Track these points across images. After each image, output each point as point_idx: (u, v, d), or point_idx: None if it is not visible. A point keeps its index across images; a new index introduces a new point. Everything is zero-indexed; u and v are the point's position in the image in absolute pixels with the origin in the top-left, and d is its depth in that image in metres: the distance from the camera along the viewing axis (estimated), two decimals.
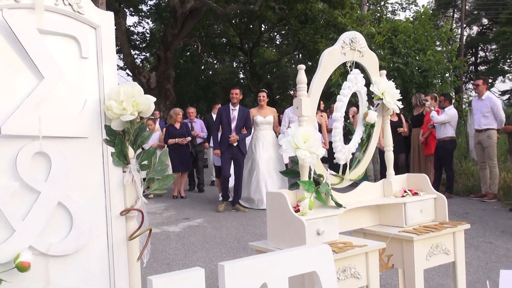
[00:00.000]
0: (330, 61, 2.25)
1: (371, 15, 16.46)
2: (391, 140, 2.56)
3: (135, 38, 26.68)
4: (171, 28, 20.96)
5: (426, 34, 14.11)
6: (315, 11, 24.49)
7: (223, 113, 8.43)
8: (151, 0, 25.29)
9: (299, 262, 1.07)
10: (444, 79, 13.93)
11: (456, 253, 2.37)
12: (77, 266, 1.80)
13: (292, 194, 2.14)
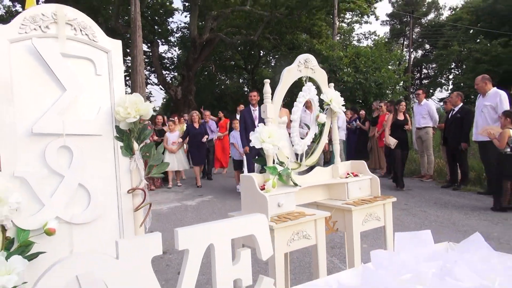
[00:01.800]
0: (289, 76, 2.21)
1: (340, 43, 16.33)
2: (337, 135, 2.53)
3: (166, 61, 26.59)
4: (192, 54, 20.90)
5: (382, 57, 14.05)
6: (300, 40, 24.38)
7: (246, 115, 7.35)
8: (177, 33, 25.17)
9: (240, 227, 1.05)
10: (394, 90, 13.87)
11: (386, 219, 2.33)
12: (95, 231, 1.78)
13: (260, 177, 2.11)
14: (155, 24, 23.23)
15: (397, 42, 35.87)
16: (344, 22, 24.16)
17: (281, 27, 22.89)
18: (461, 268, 0.94)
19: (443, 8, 35.35)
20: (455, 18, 27.13)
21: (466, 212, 5.86)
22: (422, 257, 1.06)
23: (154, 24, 23.13)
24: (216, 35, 20.62)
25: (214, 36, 20.65)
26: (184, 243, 0.90)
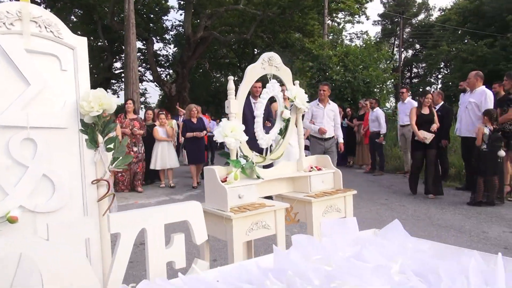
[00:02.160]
0: (253, 73, 2.26)
1: (330, 42, 16.39)
2: (302, 131, 2.59)
3: (161, 59, 26.52)
4: (186, 52, 20.89)
5: (371, 56, 14.11)
6: (293, 39, 24.45)
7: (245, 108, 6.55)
8: (172, 31, 25.10)
9: (174, 213, 1.10)
10: (381, 89, 13.96)
11: (346, 211, 2.40)
12: (60, 220, 1.82)
13: (223, 169, 2.16)
14: (150, 21, 23.15)
15: (388, 42, 36.01)
16: (337, 21, 24.21)
17: (274, 26, 22.90)
18: (370, 251, 1.00)
19: (433, 9, 35.56)
20: (444, 18, 27.27)
21: (443, 207, 5.95)
22: (344, 242, 1.11)
23: (149, 21, 23.04)
24: (210, 33, 20.61)
25: (208, 34, 20.63)
26: (115, 227, 0.95)
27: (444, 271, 0.86)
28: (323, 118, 6.40)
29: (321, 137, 6.40)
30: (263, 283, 0.87)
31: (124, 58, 14.32)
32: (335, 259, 0.97)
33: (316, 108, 6.47)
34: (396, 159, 10.41)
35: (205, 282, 0.80)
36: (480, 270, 0.87)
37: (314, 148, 6.48)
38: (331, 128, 6.46)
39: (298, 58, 21.93)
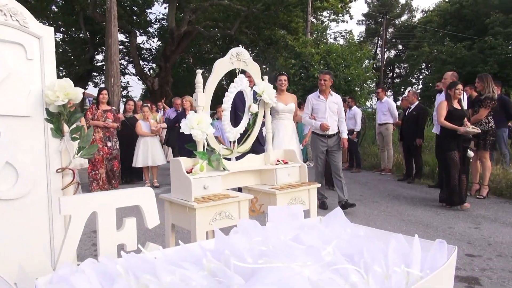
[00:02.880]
0: (221, 68, 2.32)
1: (313, 40, 16.52)
2: (270, 125, 2.65)
3: (144, 52, 26.22)
4: (169, 46, 20.73)
5: (352, 56, 14.29)
6: (278, 36, 24.50)
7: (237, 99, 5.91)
8: (155, 24, 24.85)
9: (125, 198, 1.15)
10: (362, 88, 14.17)
11: (310, 203, 2.48)
12: (24, 207, 1.83)
13: (190, 161, 2.21)
14: (133, 14, 22.85)
15: (372, 42, 36.47)
16: (321, 20, 24.38)
17: (259, 22, 22.90)
18: (308, 235, 1.07)
19: (416, 11, 36.12)
20: (426, 20, 27.77)
21: (414, 203, 6.12)
22: (288, 227, 1.17)
23: (132, 14, 22.74)
24: (194, 28, 20.49)
25: (192, 28, 20.51)
26: (66, 209, 0.99)
27: (367, 251, 0.94)
28: (325, 112, 5.55)
29: (324, 134, 5.57)
30: (200, 261, 0.93)
31: (105, 51, 14.12)
32: (273, 241, 1.04)
33: (317, 100, 5.61)
34: (374, 157, 10.62)
35: (144, 260, 0.86)
36: (400, 250, 0.95)
37: (316, 147, 5.69)
38: (335, 123, 5.61)
39: (281, 55, 22.08)
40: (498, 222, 4.96)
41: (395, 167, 9.40)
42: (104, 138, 7.13)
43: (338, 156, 5.68)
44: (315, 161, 5.78)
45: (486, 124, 6.26)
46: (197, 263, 0.94)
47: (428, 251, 0.96)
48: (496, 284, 3.14)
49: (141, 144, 7.63)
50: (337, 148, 5.69)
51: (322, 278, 0.84)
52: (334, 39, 30.31)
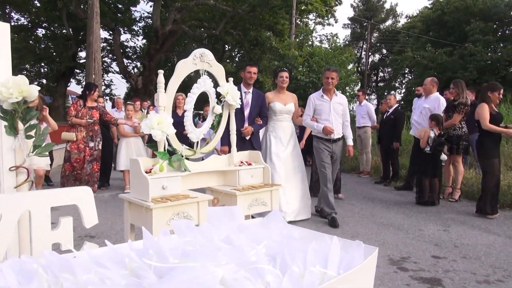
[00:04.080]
0: (184, 69, 2.32)
1: (297, 43, 16.63)
2: (234, 126, 2.67)
3: (128, 50, 25.98)
4: (154, 44, 20.60)
5: (335, 59, 14.43)
6: (263, 38, 24.56)
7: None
8: (140, 22, 24.66)
9: (62, 197, 1.15)
10: (344, 91, 14.31)
11: (272, 204, 2.50)
12: None
13: (150, 161, 2.21)
14: (117, 11, 22.61)
15: (357, 45, 36.90)
16: (307, 22, 24.54)
17: (244, 23, 22.95)
18: (238, 236, 1.08)
19: (400, 16, 36.71)
20: (410, 26, 28.24)
21: (388, 206, 6.22)
22: (225, 228, 1.19)
23: (116, 11, 22.51)
24: (179, 27, 20.41)
25: (177, 28, 20.42)
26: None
27: (288, 252, 0.96)
28: (329, 113, 4.96)
29: (328, 138, 4.95)
30: (123, 260, 0.94)
31: (86, 48, 13.93)
32: (201, 241, 1.05)
33: (320, 100, 5.01)
34: (353, 159, 10.74)
35: (63, 259, 0.86)
36: (322, 250, 0.98)
37: (320, 152, 5.01)
38: (340, 126, 5.03)
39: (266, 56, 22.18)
40: (467, 225, 5.08)
41: (373, 169, 9.53)
42: (87, 138, 6.51)
43: (337, 164, 5.23)
44: (320, 169, 5.04)
45: (459, 129, 6.41)
46: (121, 262, 0.95)
47: (349, 252, 0.98)
48: (457, 285, 3.21)
49: (123, 145, 7.08)
50: (339, 156, 5.17)
51: (237, 277, 0.86)
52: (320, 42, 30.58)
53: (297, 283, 0.86)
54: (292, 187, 4.98)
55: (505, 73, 19.82)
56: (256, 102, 4.83)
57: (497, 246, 4.22)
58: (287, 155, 5.06)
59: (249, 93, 4.81)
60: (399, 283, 3.26)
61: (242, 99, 4.40)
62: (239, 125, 4.41)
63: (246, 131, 4.65)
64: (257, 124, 4.88)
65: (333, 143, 5.02)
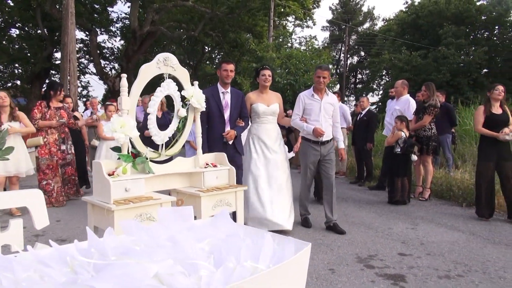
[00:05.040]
0: (147, 72, 2.36)
1: (274, 45, 16.77)
2: (200, 129, 2.72)
3: (105, 51, 25.63)
4: (131, 45, 20.38)
5: (312, 61, 14.64)
6: (243, 39, 24.65)
7: (210, 99, 4.21)
8: (117, 23, 24.38)
9: (11, 199, 1.18)
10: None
11: (237, 205, 2.56)
12: None
13: (113, 163, 2.24)
14: (94, 12, 22.29)
15: (335, 48, 37.42)
16: (286, 25, 24.75)
17: (224, 25, 22.97)
18: (182, 234, 1.14)
19: (377, 19, 37.42)
20: (386, 29, 28.83)
21: (361, 205, 6.36)
22: (175, 228, 1.24)
23: (93, 11, 22.18)
24: (157, 28, 20.27)
25: (155, 29, 20.28)
26: None
27: (224, 247, 1.02)
28: (319, 114, 4.66)
29: (317, 140, 4.69)
30: (66, 259, 0.98)
31: (61, 49, 13.69)
32: (145, 240, 1.10)
33: (310, 100, 4.71)
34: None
35: (4, 258, 0.90)
36: (256, 245, 1.05)
37: (306, 155, 4.78)
38: (330, 127, 4.76)
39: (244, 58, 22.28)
40: (434, 223, 5.26)
41: (348, 170, 9.71)
42: (59, 141, 6.09)
43: (331, 167, 4.82)
44: (303, 172, 4.90)
45: (429, 130, 6.61)
46: (64, 261, 0.99)
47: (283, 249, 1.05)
48: (419, 281, 3.35)
49: (103, 148, 6.86)
50: (331, 158, 4.82)
51: (172, 272, 0.92)
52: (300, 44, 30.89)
53: (229, 276, 0.92)
54: (278, 194, 4.59)
55: (477, 75, 20.49)
56: (236, 103, 4.44)
57: (460, 243, 4.39)
58: (272, 160, 4.62)
59: (227, 93, 4.41)
60: (365, 280, 3.36)
61: (221, 101, 4.29)
62: (220, 128, 4.27)
63: (229, 135, 4.26)
64: (239, 126, 4.47)
65: (322, 146, 4.72)
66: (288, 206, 4.68)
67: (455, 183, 6.67)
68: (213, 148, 3.95)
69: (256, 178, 4.53)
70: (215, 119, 4.28)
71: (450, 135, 8.29)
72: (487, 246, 4.27)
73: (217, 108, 4.30)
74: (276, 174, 4.62)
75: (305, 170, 4.86)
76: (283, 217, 4.57)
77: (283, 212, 4.59)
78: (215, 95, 4.33)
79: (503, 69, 20.93)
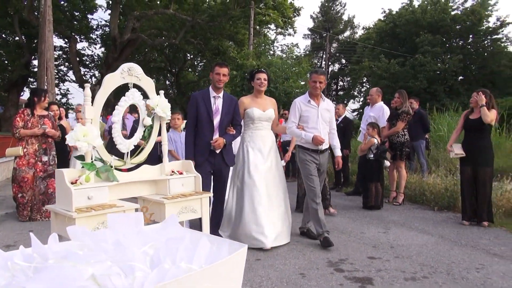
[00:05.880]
0: (111, 82, 2.41)
1: (254, 53, 16.94)
2: (166, 138, 2.77)
3: (85, 59, 25.39)
4: (112, 53, 20.28)
5: (292, 69, 14.84)
6: (225, 47, 24.76)
7: (200, 103, 3.99)
8: (98, 30, 24.23)
9: None
10: None
11: (202, 211, 2.61)
12: None
13: (76, 172, 2.27)
14: (73, 19, 22.11)
15: (317, 55, 37.95)
16: (265, 33, 24.99)
17: (205, 32, 23.07)
18: (127, 238, 1.19)
19: (358, 27, 38.19)
20: (366, 37, 29.43)
21: (337, 210, 6.46)
22: (122, 233, 1.28)
23: (72, 19, 22.00)
24: (138, 36, 20.23)
25: (136, 36, 20.24)
26: None
27: (162, 249, 1.08)
28: (316, 121, 4.40)
29: (316, 149, 4.41)
30: (6, 264, 1.02)
31: (38, 57, 13.53)
32: (89, 244, 1.15)
33: (306, 106, 4.44)
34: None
35: None
36: (192, 247, 1.11)
37: (306, 165, 4.44)
38: (327, 135, 4.54)
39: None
40: (406, 226, 5.40)
41: (327, 176, 9.85)
42: (40, 152, 5.65)
43: (323, 176, 4.67)
44: (307, 183, 4.49)
45: (402, 136, 6.79)
46: (5, 266, 1.03)
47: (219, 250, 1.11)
48: (386, 283, 3.44)
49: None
50: (325, 168, 4.67)
51: (110, 273, 0.97)
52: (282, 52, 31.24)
53: (162, 277, 0.98)
54: (274, 205, 4.30)
55: (453, 82, 21.10)
56: (228, 109, 4.07)
57: (429, 245, 4.52)
58: (267, 169, 4.32)
59: (219, 98, 4.05)
60: (333, 283, 3.44)
61: (211, 105, 3.97)
62: (208, 135, 3.93)
63: (216, 143, 3.89)
64: (230, 134, 4.09)
65: (320, 154, 4.47)
66: (284, 218, 4.43)
67: (428, 188, 6.85)
68: (198, 156, 3.79)
69: (251, 189, 4.17)
70: (204, 124, 3.95)
71: (424, 141, 8.52)
72: (453, 249, 4.40)
73: (206, 113, 3.96)
74: (272, 184, 4.33)
75: (308, 180, 4.46)
76: (280, 230, 4.31)
77: (280, 224, 4.33)
78: (205, 99, 4.00)
79: (477, 76, 21.63)
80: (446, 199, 6.40)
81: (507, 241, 4.68)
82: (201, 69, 31.33)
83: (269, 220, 4.19)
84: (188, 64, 30.34)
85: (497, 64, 20.57)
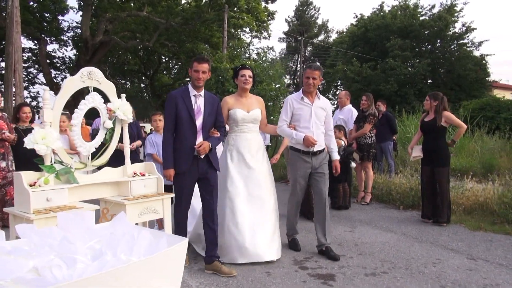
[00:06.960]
0: (71, 86, 2.44)
1: (228, 56, 17.03)
2: (127, 140, 2.82)
3: (56, 61, 24.82)
4: (83, 55, 19.91)
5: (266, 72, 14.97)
6: (200, 50, 24.70)
7: (180, 103, 3.46)
8: (68, 32, 23.74)
9: None
10: (274, 103, 14.88)
11: (164, 212, 2.67)
12: None
13: (36, 174, 2.29)
14: (43, 20, 21.59)
15: (292, 59, 38.40)
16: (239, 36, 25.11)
17: (180, 35, 22.97)
18: (74, 235, 1.25)
19: (331, 31, 38.88)
20: (340, 41, 29.99)
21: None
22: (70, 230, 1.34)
23: (42, 20, 21.48)
24: (110, 38, 19.94)
25: (108, 38, 19.94)
26: None
27: (105, 243, 1.15)
28: (309, 120, 4.09)
29: (308, 151, 4.11)
30: None
31: (5, 59, 13.18)
32: (36, 241, 1.21)
33: (299, 104, 4.12)
34: (282, 168, 11.20)
35: None
36: (133, 241, 1.18)
37: (296, 167, 4.21)
38: (322, 136, 4.17)
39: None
40: (371, 225, 5.59)
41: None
42: None
43: (323, 181, 4.19)
44: (292, 187, 4.33)
45: (369, 138, 7.01)
46: None
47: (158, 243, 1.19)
48: (347, 279, 3.58)
49: None
50: (324, 170, 4.21)
51: (51, 265, 1.04)
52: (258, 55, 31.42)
53: (102, 267, 1.05)
54: (259, 217, 3.89)
55: (422, 85, 21.79)
56: (211, 109, 3.63)
57: (391, 243, 4.71)
58: (253, 176, 3.92)
59: (201, 97, 3.58)
60: (297, 280, 3.55)
61: (192, 105, 3.46)
62: (191, 139, 3.39)
63: (201, 147, 3.36)
64: (215, 137, 3.62)
65: (313, 157, 4.13)
66: (271, 231, 4.00)
67: (394, 188, 7.09)
68: (181, 162, 3.22)
69: (233, 198, 3.81)
70: (185, 127, 3.40)
71: (391, 142, 8.80)
72: (414, 245, 4.60)
73: (187, 114, 3.43)
74: (258, 192, 3.93)
75: (294, 184, 4.26)
76: (266, 245, 3.89)
77: (265, 238, 3.91)
78: (185, 98, 3.48)
79: (445, 80, 22.43)
80: (411, 198, 6.64)
81: (464, 236, 4.93)
82: (176, 71, 31.16)
83: (251, 234, 3.83)
84: (163, 66, 30.10)
85: (463, 68, 21.39)
